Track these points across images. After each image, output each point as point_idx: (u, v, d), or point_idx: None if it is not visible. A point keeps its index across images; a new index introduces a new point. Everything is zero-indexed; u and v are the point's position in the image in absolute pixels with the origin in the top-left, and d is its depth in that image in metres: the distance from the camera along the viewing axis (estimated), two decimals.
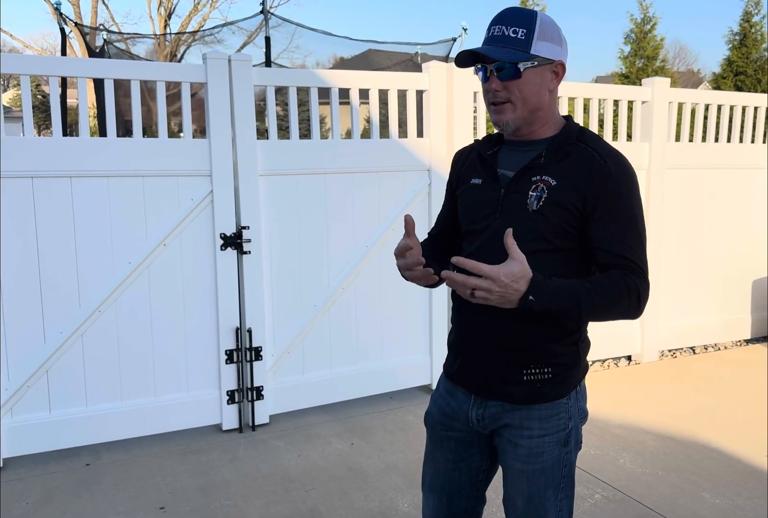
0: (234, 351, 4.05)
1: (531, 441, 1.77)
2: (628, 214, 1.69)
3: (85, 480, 3.52)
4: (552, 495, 1.80)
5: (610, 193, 1.67)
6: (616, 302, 1.62)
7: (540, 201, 1.69)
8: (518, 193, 1.73)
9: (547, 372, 1.76)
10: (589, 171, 1.68)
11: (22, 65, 3.51)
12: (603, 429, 4.08)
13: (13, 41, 44.33)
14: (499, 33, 1.69)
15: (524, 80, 1.68)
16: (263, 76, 4.06)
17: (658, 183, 5.26)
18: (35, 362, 3.65)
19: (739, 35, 15.16)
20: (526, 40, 1.67)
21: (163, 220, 3.84)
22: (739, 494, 3.31)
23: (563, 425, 1.79)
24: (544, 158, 1.72)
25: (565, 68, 1.75)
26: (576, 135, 1.75)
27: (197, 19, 26.70)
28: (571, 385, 1.81)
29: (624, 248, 1.67)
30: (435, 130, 4.52)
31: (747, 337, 5.98)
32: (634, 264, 1.67)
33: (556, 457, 1.79)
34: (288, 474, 3.55)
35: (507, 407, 1.79)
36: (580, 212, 1.68)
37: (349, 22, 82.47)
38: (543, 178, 1.71)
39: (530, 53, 1.67)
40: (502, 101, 1.71)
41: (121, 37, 13.26)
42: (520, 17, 1.69)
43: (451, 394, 1.92)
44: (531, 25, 1.68)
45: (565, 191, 1.68)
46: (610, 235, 1.67)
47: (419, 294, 4.58)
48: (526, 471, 1.79)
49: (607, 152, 1.72)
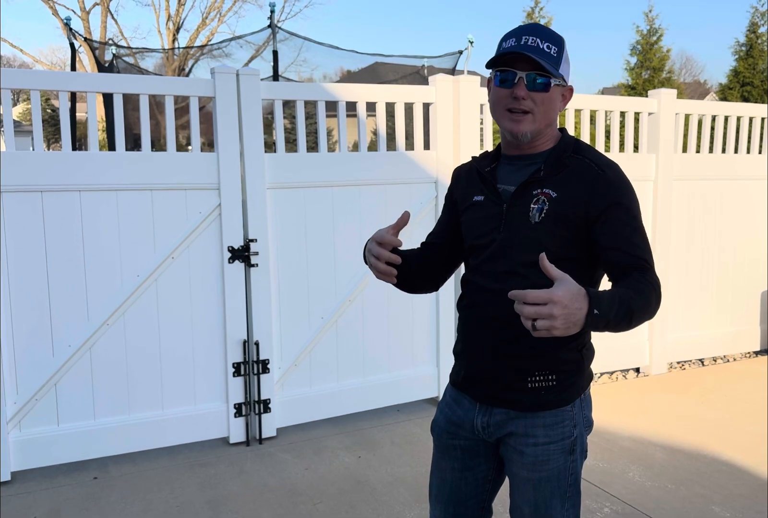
0: (241, 364, 4.06)
1: (536, 449, 1.79)
2: (632, 217, 1.72)
3: (92, 493, 3.51)
4: (558, 504, 1.81)
5: (614, 200, 1.70)
6: (651, 303, 1.61)
7: (542, 213, 1.73)
8: (520, 206, 1.76)
9: (552, 380, 1.78)
10: (590, 181, 1.72)
11: (33, 80, 3.55)
12: (612, 441, 4.06)
13: (23, 56, 44.81)
14: (534, 44, 1.69)
15: (550, 95, 1.72)
16: (271, 90, 4.09)
17: (665, 194, 5.25)
18: (44, 375, 3.66)
19: (746, 46, 15.17)
20: (557, 58, 1.71)
21: (172, 233, 3.86)
22: (749, 507, 3.28)
23: (568, 433, 1.80)
24: (544, 171, 1.75)
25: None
26: (572, 147, 1.79)
27: (205, 33, 26.94)
28: (575, 393, 1.82)
29: (635, 248, 1.69)
30: (442, 143, 4.54)
31: (756, 349, 5.94)
32: (647, 264, 1.69)
33: (562, 465, 1.80)
34: (295, 488, 3.54)
35: (512, 414, 1.81)
36: (584, 221, 1.71)
37: (355, 36, 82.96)
38: (544, 190, 1.74)
39: (559, 72, 1.72)
40: (525, 110, 1.72)
41: (130, 51, 13.37)
42: (552, 34, 1.73)
43: (457, 402, 1.93)
44: (561, 45, 1.73)
45: (567, 202, 1.72)
46: (622, 237, 1.69)
47: (427, 306, 4.58)
48: (532, 479, 1.80)
49: (604, 162, 1.76)
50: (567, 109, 4.93)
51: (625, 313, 1.51)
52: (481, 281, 1.83)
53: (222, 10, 27.14)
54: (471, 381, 1.88)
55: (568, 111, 4.94)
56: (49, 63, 30.96)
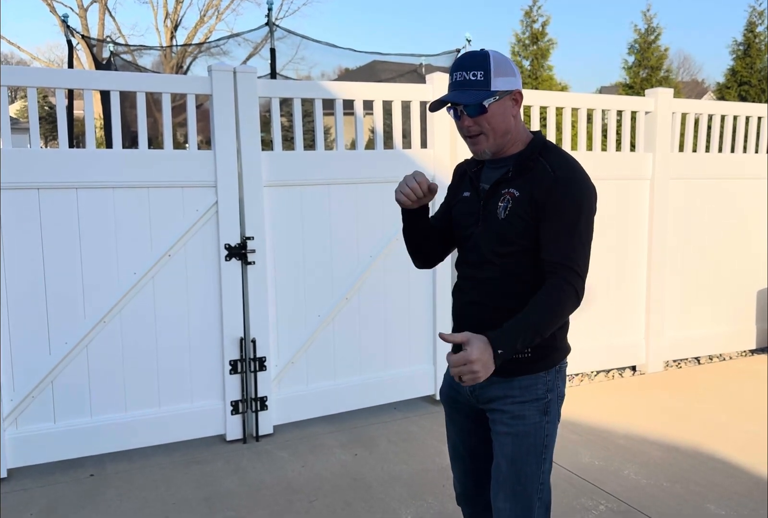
0: (238, 362, 4.06)
1: (514, 406, 2.02)
2: (569, 219, 1.91)
3: (89, 490, 3.52)
4: (533, 461, 2.01)
5: (554, 199, 1.91)
6: (559, 313, 1.87)
7: (506, 210, 1.97)
8: (492, 204, 2.01)
9: (527, 352, 2.00)
10: (541, 181, 1.94)
11: (30, 77, 3.55)
12: (607, 439, 4.07)
13: (20, 53, 44.69)
14: (461, 78, 1.94)
15: (491, 114, 1.95)
16: (268, 88, 4.09)
17: (661, 193, 5.26)
18: (40, 373, 3.66)
19: (743, 45, 15.18)
20: (485, 80, 1.92)
21: (168, 230, 3.86)
22: (745, 505, 3.29)
23: (542, 395, 2.03)
24: (511, 173, 1.99)
25: (522, 94, 2.01)
26: (538, 150, 2.00)
27: (203, 30, 26.85)
28: (551, 363, 2.05)
29: (563, 248, 1.90)
30: (439, 141, 4.54)
31: (752, 347, 5.96)
32: (568, 266, 1.88)
33: (538, 423, 2.02)
34: (292, 485, 3.55)
35: (493, 379, 1.99)
36: (533, 218, 1.93)
37: (353, 34, 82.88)
38: (509, 190, 1.98)
39: (491, 90, 1.93)
40: (476, 134, 1.98)
41: (127, 48, 13.33)
42: (476, 61, 1.93)
43: None
44: (487, 66, 1.92)
45: (526, 201, 1.94)
46: (552, 236, 1.91)
47: (423, 304, 4.59)
48: (511, 433, 2.01)
49: (559, 164, 1.96)
50: (563, 107, 4.94)
51: (529, 336, 1.83)
52: (464, 269, 2.12)
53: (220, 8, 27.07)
54: None
55: (564, 110, 4.95)
56: (46, 60, 30.89)
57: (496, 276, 2.01)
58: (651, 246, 5.27)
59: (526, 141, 2.04)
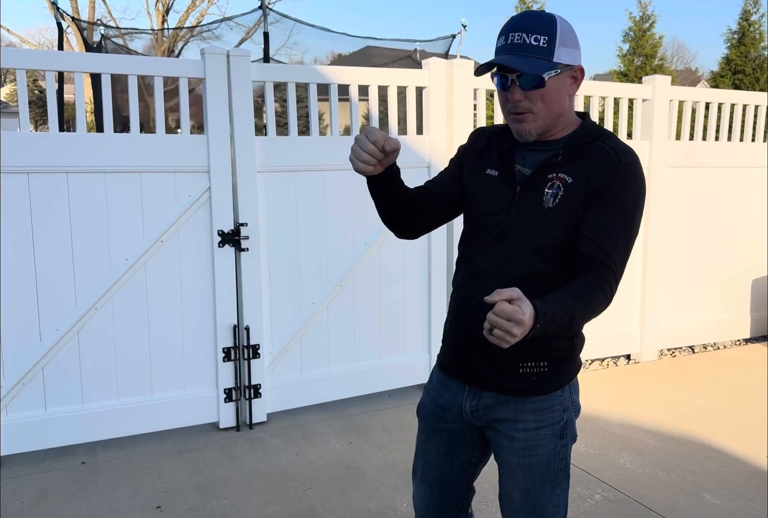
0: (231, 349, 4.02)
1: (527, 434, 1.77)
2: (627, 211, 1.67)
3: (80, 478, 3.48)
4: (548, 489, 1.81)
5: (615, 188, 1.65)
6: (595, 309, 1.60)
7: (556, 198, 1.68)
8: (534, 190, 1.71)
9: (543, 366, 1.76)
10: (602, 166, 1.67)
11: (19, 59, 3.47)
12: (603, 428, 4.06)
13: (10, 36, 44.20)
14: (520, 41, 1.63)
15: (547, 89, 1.65)
16: (262, 72, 4.02)
17: (658, 181, 5.23)
18: (31, 359, 3.61)
19: (738, 34, 15.14)
20: (549, 48, 1.62)
21: (161, 216, 3.81)
22: (741, 495, 3.29)
23: (558, 417, 1.79)
24: (561, 156, 1.70)
25: (584, 72, 1.72)
26: (593, 134, 1.74)
27: (195, 14, 26.63)
28: (566, 378, 1.81)
29: (607, 242, 1.64)
30: (435, 127, 4.49)
31: (747, 336, 5.96)
32: (609, 265, 1.64)
33: (552, 450, 1.80)
34: (286, 473, 3.53)
35: (502, 399, 1.79)
36: (584, 209, 1.67)
37: (347, 19, 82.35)
38: (559, 175, 1.69)
39: (554, 61, 1.63)
40: (524, 111, 1.68)
41: (118, 32, 13.18)
42: (540, 23, 1.63)
43: (444, 386, 1.91)
44: (552, 32, 1.63)
45: (578, 188, 1.67)
46: (600, 229, 1.65)
47: (419, 292, 4.56)
48: (523, 464, 1.79)
49: (624, 150, 1.70)
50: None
51: (565, 324, 1.52)
52: (481, 262, 1.79)
53: None
54: (460, 364, 1.85)
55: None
56: (36, 43, 30.54)
57: (522, 275, 1.71)
58: (646, 234, 5.24)
59: (575, 124, 1.76)
